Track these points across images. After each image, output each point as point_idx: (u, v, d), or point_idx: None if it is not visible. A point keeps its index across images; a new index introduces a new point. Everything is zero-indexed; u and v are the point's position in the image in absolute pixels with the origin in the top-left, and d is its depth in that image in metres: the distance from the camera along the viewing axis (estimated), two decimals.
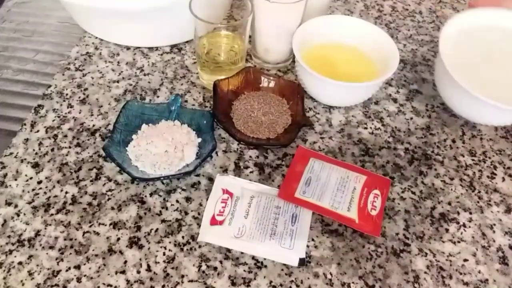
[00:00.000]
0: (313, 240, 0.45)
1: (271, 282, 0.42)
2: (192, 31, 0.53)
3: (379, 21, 0.71)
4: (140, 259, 0.42)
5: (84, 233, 0.44)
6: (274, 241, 0.43)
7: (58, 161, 0.49)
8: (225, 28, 0.57)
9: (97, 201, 0.46)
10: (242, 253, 0.43)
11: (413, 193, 0.49)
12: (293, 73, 0.61)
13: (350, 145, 0.53)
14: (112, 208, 0.46)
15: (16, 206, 0.46)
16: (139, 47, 0.63)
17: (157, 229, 0.45)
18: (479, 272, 0.44)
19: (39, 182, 0.48)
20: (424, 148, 0.54)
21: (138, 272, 0.42)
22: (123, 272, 0.41)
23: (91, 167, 0.49)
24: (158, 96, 0.57)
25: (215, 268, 0.42)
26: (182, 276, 0.41)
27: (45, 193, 0.47)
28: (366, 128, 0.55)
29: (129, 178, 0.48)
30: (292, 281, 0.42)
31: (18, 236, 0.43)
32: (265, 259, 0.43)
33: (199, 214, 0.46)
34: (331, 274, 0.42)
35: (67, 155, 0.50)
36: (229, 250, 0.43)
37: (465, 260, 0.44)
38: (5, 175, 0.48)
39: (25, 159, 0.50)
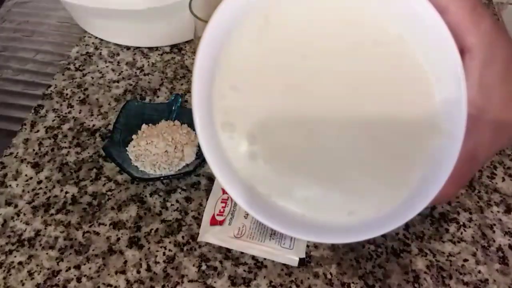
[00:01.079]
0: None
1: (271, 282, 0.42)
2: (192, 31, 0.53)
3: None
4: (140, 259, 0.42)
5: (84, 233, 0.44)
6: (274, 241, 0.43)
7: (58, 161, 0.49)
8: None
9: (97, 201, 0.46)
10: (242, 253, 0.43)
11: None
12: None
13: None
14: (112, 208, 0.46)
15: (16, 206, 0.46)
16: (139, 47, 0.63)
17: (157, 229, 0.45)
18: (479, 272, 0.43)
19: (39, 182, 0.48)
20: None
21: (138, 272, 0.42)
22: (123, 272, 0.41)
23: (91, 167, 0.49)
24: (158, 96, 0.57)
25: (215, 268, 0.42)
26: (182, 276, 0.41)
27: (45, 193, 0.47)
28: None
29: (129, 178, 0.48)
30: (292, 281, 0.42)
31: (18, 236, 0.43)
32: (265, 259, 0.43)
33: (199, 214, 0.46)
34: (331, 274, 0.42)
35: (67, 155, 0.50)
36: (229, 250, 0.43)
37: (465, 260, 0.44)
38: (5, 175, 0.48)
39: (25, 159, 0.50)
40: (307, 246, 0.44)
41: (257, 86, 0.22)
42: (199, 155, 0.49)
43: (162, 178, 0.47)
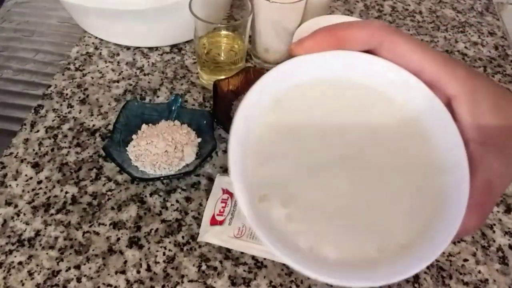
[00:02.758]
0: None
1: (271, 282, 0.42)
2: (192, 31, 0.53)
3: None
4: (140, 259, 0.42)
5: (84, 233, 0.44)
6: None
7: (58, 161, 0.49)
8: (225, 28, 0.57)
9: (97, 201, 0.46)
10: (242, 253, 0.43)
11: None
12: None
13: None
14: (112, 208, 0.46)
15: (16, 206, 0.46)
16: (139, 47, 0.63)
17: (157, 229, 0.45)
18: (479, 272, 0.44)
19: (39, 182, 0.48)
20: None
21: (138, 272, 0.42)
22: (123, 272, 0.41)
23: (91, 167, 0.49)
24: (158, 96, 0.57)
25: (215, 268, 0.42)
26: (182, 276, 0.41)
27: (45, 193, 0.47)
28: None
29: (129, 178, 0.48)
30: (292, 281, 0.42)
31: (18, 236, 0.43)
32: (265, 259, 0.43)
33: (199, 214, 0.46)
34: None
35: (67, 155, 0.50)
36: (229, 250, 0.43)
37: (465, 260, 0.44)
38: (5, 175, 0.48)
39: (25, 159, 0.50)
40: None
41: (281, 158, 0.26)
42: (199, 155, 0.49)
43: (162, 178, 0.47)
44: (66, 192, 0.47)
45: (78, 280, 0.41)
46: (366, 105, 0.26)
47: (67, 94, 0.57)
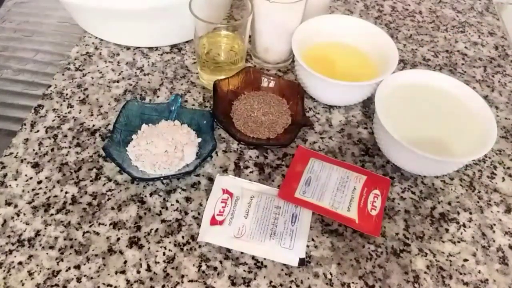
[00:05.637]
0: (313, 240, 0.45)
1: (271, 282, 0.42)
2: (192, 31, 0.53)
3: (379, 21, 0.71)
4: (140, 259, 0.42)
5: (84, 233, 0.44)
6: (274, 241, 0.43)
7: (58, 161, 0.50)
8: (225, 28, 0.57)
9: (97, 201, 0.46)
10: (242, 253, 0.43)
11: (413, 193, 0.49)
12: (293, 73, 0.61)
13: (350, 145, 0.53)
14: (112, 208, 0.46)
15: (16, 206, 0.46)
16: (139, 47, 0.63)
17: (157, 229, 0.45)
18: (479, 272, 0.44)
19: (39, 182, 0.48)
20: None
21: (138, 272, 0.42)
22: (123, 272, 0.41)
23: (91, 167, 0.49)
24: (158, 96, 0.57)
25: (215, 268, 0.42)
26: (182, 276, 0.41)
27: (45, 193, 0.47)
28: (366, 128, 0.55)
29: (129, 178, 0.48)
30: (292, 281, 0.42)
31: (18, 236, 0.43)
32: (265, 259, 0.43)
33: (199, 214, 0.46)
34: (331, 274, 0.42)
35: (67, 155, 0.50)
36: (229, 250, 0.43)
37: (465, 260, 0.44)
38: (5, 175, 0.48)
39: (25, 159, 0.50)
40: (307, 246, 0.44)
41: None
42: (199, 155, 0.49)
43: (162, 178, 0.47)
44: (66, 192, 0.47)
45: (78, 280, 0.41)
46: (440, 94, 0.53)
47: (67, 94, 0.57)
